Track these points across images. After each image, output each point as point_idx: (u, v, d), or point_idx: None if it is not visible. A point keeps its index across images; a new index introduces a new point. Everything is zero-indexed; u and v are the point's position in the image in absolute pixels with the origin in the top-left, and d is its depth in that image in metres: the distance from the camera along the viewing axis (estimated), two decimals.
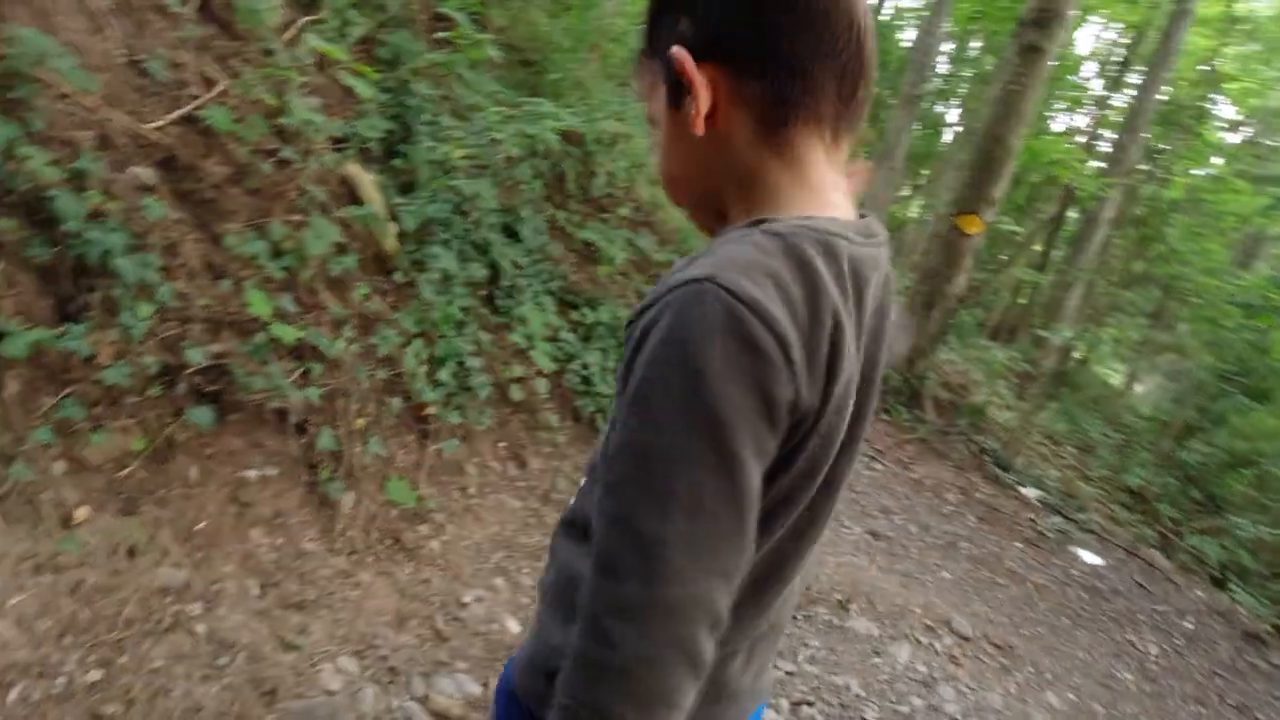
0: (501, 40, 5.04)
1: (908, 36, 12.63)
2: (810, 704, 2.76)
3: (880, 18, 11.78)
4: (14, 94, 1.97)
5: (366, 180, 3.08)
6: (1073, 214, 12.89)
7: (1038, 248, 11.80)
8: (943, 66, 13.30)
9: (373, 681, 1.82)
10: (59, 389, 1.78)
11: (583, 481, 0.77)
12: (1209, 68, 11.18)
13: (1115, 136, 11.98)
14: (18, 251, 1.86)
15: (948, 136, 14.41)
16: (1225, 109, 12.41)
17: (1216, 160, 12.00)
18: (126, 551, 1.69)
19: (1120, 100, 13.00)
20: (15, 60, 1.96)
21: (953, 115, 14.64)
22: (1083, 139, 12.78)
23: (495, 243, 3.68)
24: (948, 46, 12.87)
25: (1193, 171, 11.35)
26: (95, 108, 2.16)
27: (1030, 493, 7.07)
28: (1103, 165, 11.08)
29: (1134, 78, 12.28)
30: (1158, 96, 10.80)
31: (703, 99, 0.61)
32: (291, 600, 1.90)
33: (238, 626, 1.73)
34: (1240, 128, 13.70)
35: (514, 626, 2.28)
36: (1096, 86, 13.74)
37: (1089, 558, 6.50)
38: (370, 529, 2.32)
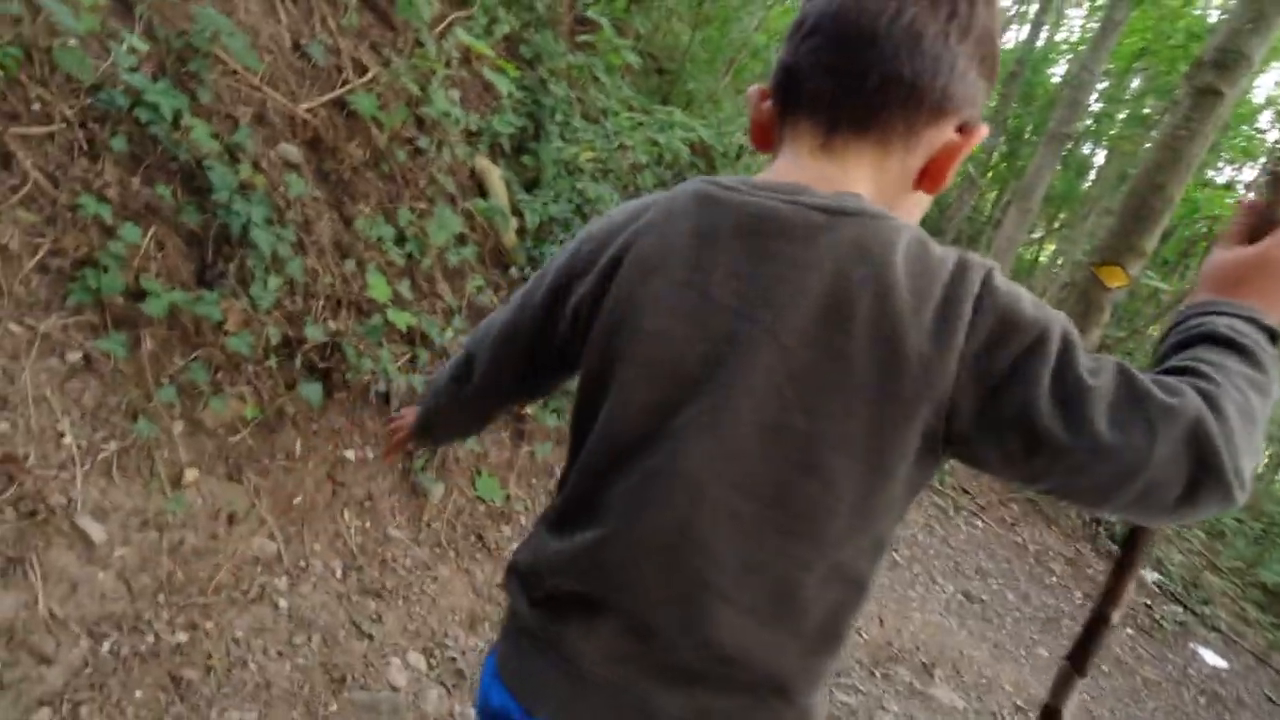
0: (640, 48, 5.03)
1: (1059, 71, 11.85)
2: None
3: (1032, 50, 11.11)
4: (188, 67, 2.07)
5: (495, 174, 3.10)
6: None
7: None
8: (1095, 105, 12.40)
9: (438, 682, 1.78)
10: (189, 351, 1.84)
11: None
12: None
13: None
14: (171, 217, 1.94)
15: (1089, 178, 13.41)
16: None
17: None
18: (227, 517, 1.72)
19: None
20: (194, 36, 2.05)
21: (1100, 157, 13.63)
22: (1249, 195, 11.60)
23: None
24: (1103, 85, 11.98)
25: None
26: (257, 86, 2.24)
27: (1148, 575, 6.41)
28: None
29: None
30: None
31: (752, 125, 0.73)
32: (371, 586, 1.89)
33: (318, 606, 1.73)
34: None
35: None
36: (1270, 138, 12.43)
37: (1211, 658, 5.83)
38: (456, 523, 2.30)
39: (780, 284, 0.60)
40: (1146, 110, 10.65)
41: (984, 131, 0.66)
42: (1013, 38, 12.39)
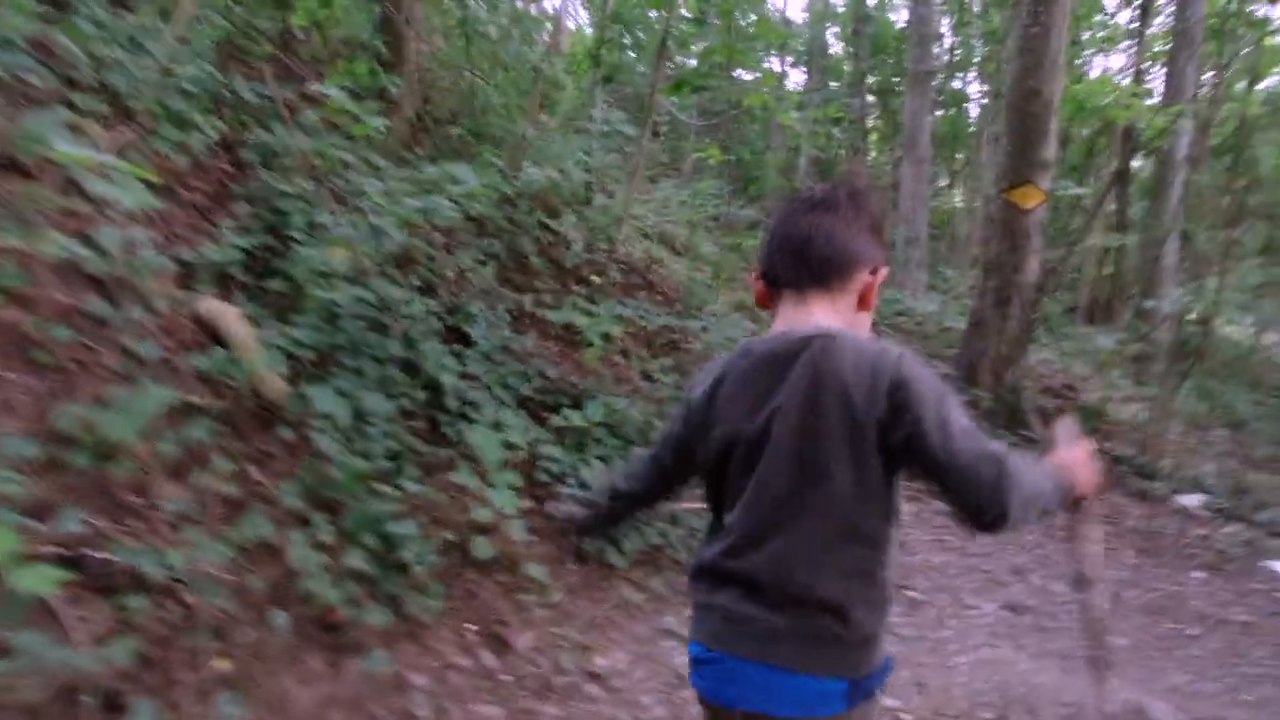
0: (425, 111, 4.57)
1: (901, 18, 12.08)
2: None
3: (867, 4, 11.28)
4: None
5: (230, 315, 2.49)
6: (1137, 163, 11.86)
7: (1112, 208, 10.80)
8: (950, 40, 12.68)
9: None
10: None
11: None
12: None
13: (1164, 69, 11.03)
14: None
15: (975, 114, 13.62)
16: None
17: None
18: None
19: (1157, 28, 12.12)
20: None
21: (975, 91, 13.90)
22: (1127, 80, 11.88)
23: (431, 355, 3.04)
24: (949, 19, 12.25)
25: (1261, 86, 10.30)
26: None
27: (1191, 500, 5.95)
28: (1157, 103, 10.12)
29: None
30: (1200, 10, 9.92)
31: (755, 294, 1.32)
32: None
33: None
34: None
35: None
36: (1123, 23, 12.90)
37: None
38: None
39: (786, 384, 1.15)
40: (997, 23, 10.84)
41: (886, 270, 1.26)
42: None
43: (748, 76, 10.33)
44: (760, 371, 1.18)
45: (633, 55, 7.96)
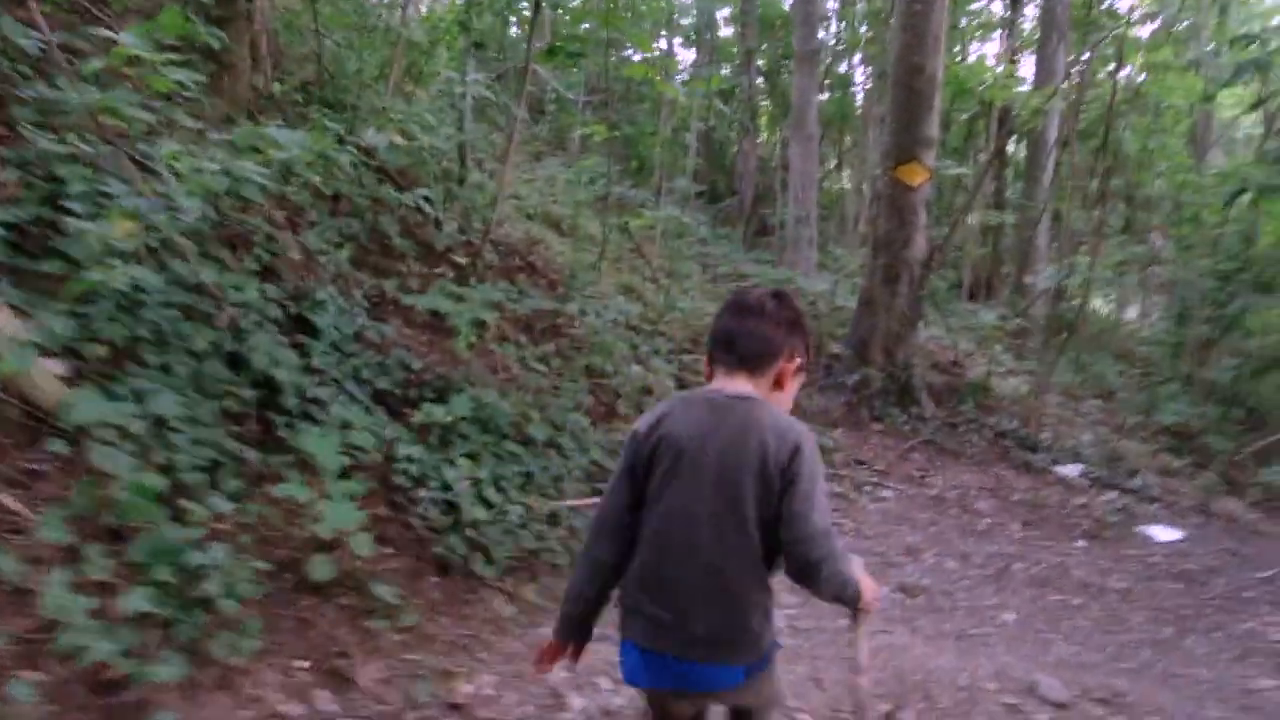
0: (277, 77, 4.08)
1: None
2: None
3: None
4: None
5: None
6: (1013, 146, 12.34)
7: (992, 188, 11.18)
8: (836, 26, 12.81)
9: None
10: None
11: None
12: None
13: (1035, 56, 11.49)
14: None
15: (860, 99, 13.85)
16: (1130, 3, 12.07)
17: (1138, 58, 11.67)
18: None
19: (1027, 18, 12.64)
20: None
21: (861, 75, 14.14)
22: (1001, 66, 12.34)
23: (263, 346, 2.62)
24: (833, 4, 12.36)
25: (1122, 74, 10.89)
26: None
27: (1070, 471, 6.14)
28: (1028, 90, 10.53)
29: None
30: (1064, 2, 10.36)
31: (705, 367, 1.61)
32: None
33: None
34: (1152, 19, 13.48)
35: None
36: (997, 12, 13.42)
37: (1163, 534, 5.55)
38: None
39: (720, 428, 1.46)
40: (878, 4, 10.99)
41: (800, 360, 1.57)
42: None
43: (638, 58, 10.08)
44: (701, 411, 1.50)
45: (515, 33, 7.55)
